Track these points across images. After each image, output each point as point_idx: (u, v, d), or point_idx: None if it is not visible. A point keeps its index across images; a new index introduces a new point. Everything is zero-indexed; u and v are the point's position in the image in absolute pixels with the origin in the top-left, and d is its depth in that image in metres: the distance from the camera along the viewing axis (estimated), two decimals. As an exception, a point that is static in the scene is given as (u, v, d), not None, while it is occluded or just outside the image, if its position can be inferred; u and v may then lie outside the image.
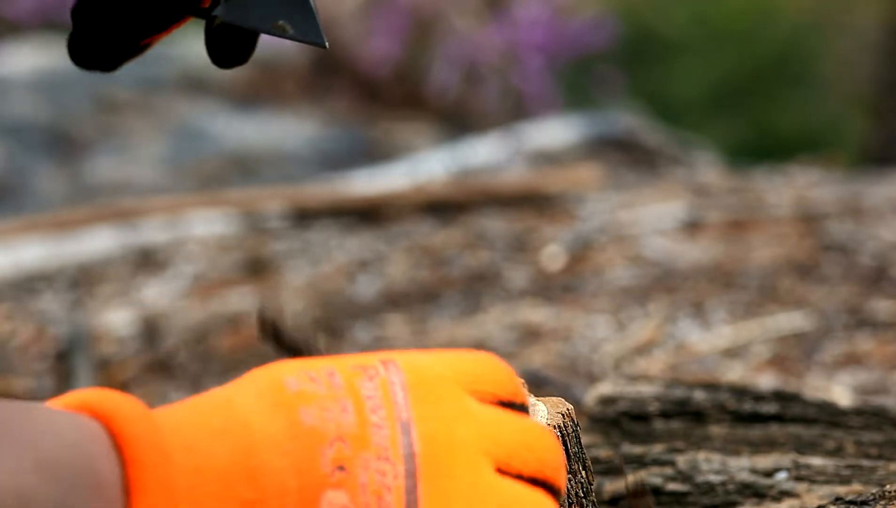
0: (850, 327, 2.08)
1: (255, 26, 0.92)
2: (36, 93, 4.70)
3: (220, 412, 0.70)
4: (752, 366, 1.95)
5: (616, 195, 3.08)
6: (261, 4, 0.92)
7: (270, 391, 0.71)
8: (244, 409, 0.70)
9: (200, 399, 0.72)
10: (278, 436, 0.69)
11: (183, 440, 0.68)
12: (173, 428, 0.69)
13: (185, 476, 0.67)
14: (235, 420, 0.70)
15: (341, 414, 0.70)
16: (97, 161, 4.29)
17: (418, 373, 0.72)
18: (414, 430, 0.70)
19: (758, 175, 3.42)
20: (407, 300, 2.45)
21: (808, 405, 1.30)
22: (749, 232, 2.66)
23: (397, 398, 0.71)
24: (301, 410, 0.70)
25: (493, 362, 0.76)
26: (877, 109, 5.55)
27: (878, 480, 1.16)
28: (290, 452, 0.69)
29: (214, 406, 0.71)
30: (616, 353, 2.04)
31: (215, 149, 4.41)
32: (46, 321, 2.51)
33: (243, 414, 0.70)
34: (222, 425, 0.69)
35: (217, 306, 2.54)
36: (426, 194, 3.13)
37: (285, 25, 0.92)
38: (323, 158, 4.41)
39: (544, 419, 0.91)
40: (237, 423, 0.70)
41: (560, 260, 2.59)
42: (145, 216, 3.00)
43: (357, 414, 0.70)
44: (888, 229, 2.59)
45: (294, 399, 0.70)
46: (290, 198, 3.13)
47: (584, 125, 4.32)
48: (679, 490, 1.19)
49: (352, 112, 4.84)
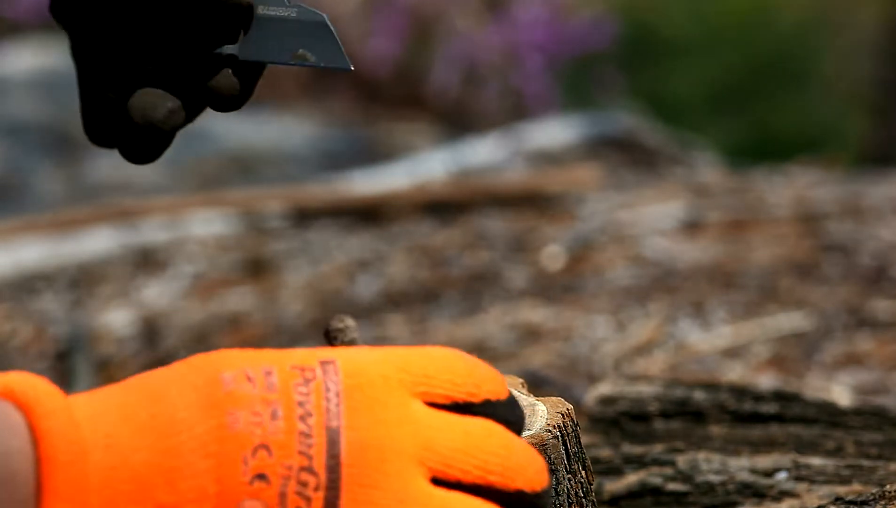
0: (850, 327, 2.08)
1: (275, 60, 0.91)
2: (36, 93, 4.70)
3: (150, 405, 0.68)
4: (752, 366, 1.95)
5: (616, 195, 3.08)
6: (277, 37, 0.90)
7: (206, 387, 0.69)
8: (175, 404, 0.68)
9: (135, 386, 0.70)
10: (205, 437, 0.67)
11: (104, 436, 0.66)
12: (96, 420, 0.67)
13: (100, 474, 0.65)
14: (163, 417, 0.68)
15: (270, 420, 0.68)
16: (97, 161, 4.29)
17: (358, 376, 0.70)
18: (343, 439, 0.68)
19: (758, 175, 3.42)
20: (407, 300, 2.45)
21: (808, 405, 1.30)
22: (749, 232, 2.66)
23: (330, 405, 0.68)
24: (231, 412, 0.68)
25: (449, 359, 0.74)
26: (877, 109, 5.56)
27: (878, 480, 1.16)
28: (214, 455, 0.67)
29: (145, 397, 0.69)
30: (616, 353, 2.04)
31: (215, 149, 4.41)
32: (46, 321, 2.51)
33: (172, 410, 0.68)
34: (149, 421, 0.67)
35: (217, 306, 2.54)
36: (426, 194, 3.13)
37: (306, 54, 0.91)
38: (323, 158, 4.41)
39: (544, 419, 0.91)
40: (164, 420, 0.68)
41: (560, 260, 2.59)
42: (145, 216, 3.00)
43: (286, 420, 0.68)
44: (888, 229, 2.59)
45: (226, 400, 0.68)
46: (290, 198, 3.13)
47: (584, 125, 4.32)
48: (679, 490, 1.19)
49: (352, 112, 4.84)
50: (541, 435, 0.89)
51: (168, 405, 0.68)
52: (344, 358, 0.71)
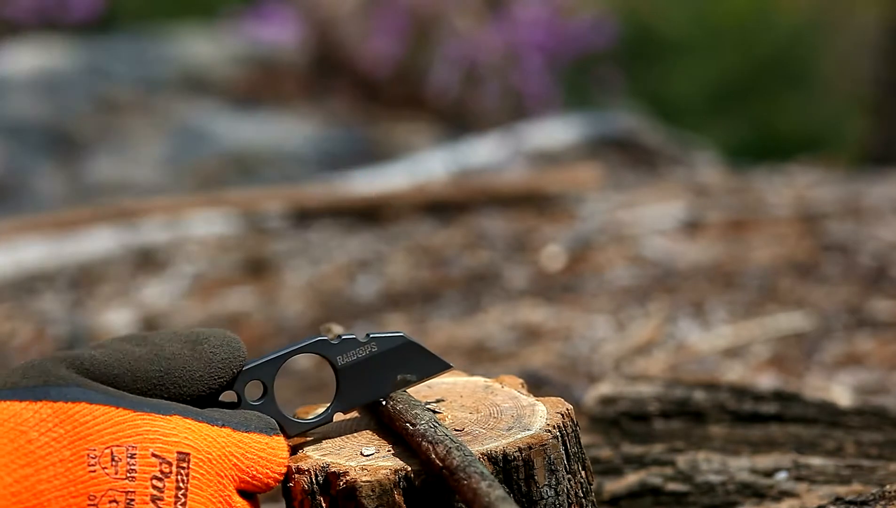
0: (850, 327, 2.08)
1: (377, 397, 0.92)
2: (36, 93, 4.70)
3: (16, 469, 0.79)
4: (752, 366, 1.95)
5: (616, 195, 3.08)
6: (370, 376, 0.92)
7: (71, 461, 0.80)
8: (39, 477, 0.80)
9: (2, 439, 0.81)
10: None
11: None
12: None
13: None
14: (27, 488, 0.79)
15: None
16: (97, 161, 4.29)
17: (206, 471, 0.84)
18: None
19: (758, 175, 3.42)
20: (407, 300, 2.45)
21: (808, 405, 1.30)
22: (749, 232, 2.66)
23: (180, 502, 0.83)
24: (90, 495, 0.80)
25: (267, 453, 0.87)
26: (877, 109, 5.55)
27: (878, 480, 1.16)
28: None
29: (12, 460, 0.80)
30: (616, 353, 2.04)
31: (215, 149, 4.41)
32: (46, 321, 2.51)
33: (36, 482, 0.79)
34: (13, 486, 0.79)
35: (217, 306, 2.54)
36: (426, 194, 3.13)
37: (405, 377, 0.93)
38: (323, 158, 4.41)
39: (544, 420, 0.91)
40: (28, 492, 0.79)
41: (560, 260, 2.59)
42: (145, 216, 3.00)
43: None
44: (888, 229, 2.59)
45: (87, 481, 0.80)
46: (290, 198, 3.13)
47: (584, 125, 4.32)
48: (679, 490, 1.19)
49: (352, 112, 4.84)
50: (540, 435, 0.89)
51: (33, 478, 0.79)
52: (200, 448, 0.84)
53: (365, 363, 0.92)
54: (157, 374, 0.86)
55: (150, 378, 0.86)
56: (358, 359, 0.92)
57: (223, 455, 0.85)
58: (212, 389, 0.89)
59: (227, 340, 0.90)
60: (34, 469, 0.78)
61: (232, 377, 0.89)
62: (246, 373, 0.89)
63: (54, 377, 0.82)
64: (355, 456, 0.89)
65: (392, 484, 0.86)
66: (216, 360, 0.89)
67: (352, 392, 0.91)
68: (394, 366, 0.93)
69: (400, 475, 0.86)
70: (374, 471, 0.87)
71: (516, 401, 0.95)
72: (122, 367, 0.85)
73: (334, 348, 0.91)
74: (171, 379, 0.87)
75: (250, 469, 0.86)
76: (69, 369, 0.83)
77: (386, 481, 0.86)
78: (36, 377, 0.82)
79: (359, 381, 0.92)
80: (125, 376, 0.85)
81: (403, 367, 0.93)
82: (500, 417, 0.93)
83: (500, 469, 0.87)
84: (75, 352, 0.85)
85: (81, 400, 0.82)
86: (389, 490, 0.86)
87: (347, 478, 0.87)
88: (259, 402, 0.89)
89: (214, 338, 0.90)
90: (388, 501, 0.86)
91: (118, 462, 0.80)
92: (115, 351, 0.86)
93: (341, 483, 0.87)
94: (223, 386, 0.89)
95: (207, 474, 0.84)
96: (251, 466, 0.86)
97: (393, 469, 0.87)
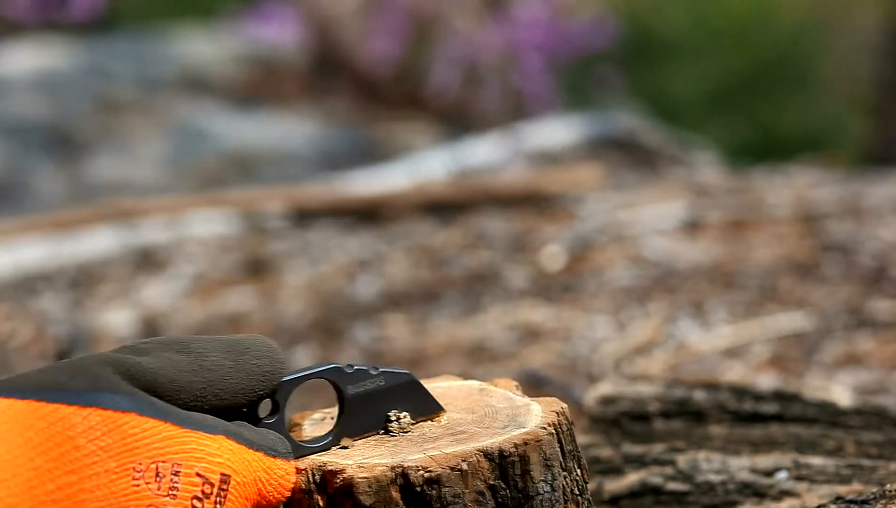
0: (850, 327, 2.08)
1: (372, 429, 0.94)
2: (36, 93, 4.70)
3: (59, 476, 0.78)
4: (752, 366, 1.95)
5: (616, 195, 3.08)
6: (371, 408, 0.93)
7: (116, 472, 0.79)
8: (83, 486, 0.78)
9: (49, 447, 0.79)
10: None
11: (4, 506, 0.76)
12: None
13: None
14: (68, 495, 0.77)
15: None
16: (97, 161, 4.29)
17: (238, 495, 0.84)
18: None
19: (758, 175, 3.42)
20: (407, 300, 2.45)
21: (808, 405, 1.30)
22: (749, 232, 2.66)
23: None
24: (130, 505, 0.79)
25: (285, 479, 0.88)
26: (877, 109, 5.55)
27: (878, 480, 1.16)
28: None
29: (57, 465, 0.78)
30: (616, 353, 2.04)
31: (215, 149, 4.41)
32: (46, 321, 2.51)
33: (79, 490, 0.78)
34: (55, 492, 0.77)
35: (217, 306, 2.54)
36: (426, 194, 3.13)
37: (398, 414, 0.94)
38: (323, 158, 4.41)
39: (539, 417, 0.92)
40: (68, 500, 0.77)
41: (560, 260, 2.59)
42: (145, 216, 3.00)
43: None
44: (888, 229, 2.59)
45: (130, 494, 0.79)
46: (290, 198, 3.13)
47: (584, 125, 4.32)
48: (679, 490, 1.19)
49: (352, 112, 4.84)
50: (536, 432, 0.89)
51: (76, 486, 0.78)
52: (238, 470, 0.84)
53: (370, 395, 0.93)
54: (200, 386, 0.85)
55: (194, 390, 0.85)
56: (367, 391, 0.93)
57: (254, 479, 0.85)
58: (251, 401, 0.88)
59: (269, 350, 0.89)
60: (78, 478, 0.77)
61: (272, 389, 0.89)
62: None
63: (105, 381, 0.80)
64: (352, 454, 0.90)
65: (389, 481, 0.87)
66: (259, 372, 0.88)
67: (353, 421, 0.93)
68: (394, 401, 0.94)
69: (397, 471, 0.87)
70: (370, 468, 0.87)
71: (511, 402, 0.96)
72: (166, 377, 0.84)
73: (348, 377, 0.93)
74: (213, 391, 0.86)
75: (269, 493, 0.87)
76: (116, 374, 0.82)
77: (383, 477, 0.87)
78: (85, 380, 0.80)
79: (360, 411, 0.93)
80: (169, 385, 0.84)
81: (402, 403, 0.94)
82: (496, 417, 0.94)
83: (497, 466, 0.88)
84: (121, 356, 0.84)
85: (131, 411, 0.80)
86: (386, 487, 0.87)
87: (344, 475, 0.87)
88: (270, 421, 0.90)
89: (256, 349, 0.88)
90: (385, 497, 0.86)
91: (162, 478, 0.79)
92: (160, 358, 0.84)
93: (338, 480, 0.87)
94: (262, 398, 0.89)
95: (239, 497, 0.84)
96: (269, 491, 0.87)
97: (390, 465, 0.87)
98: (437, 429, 0.93)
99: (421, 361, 2.11)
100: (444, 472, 0.87)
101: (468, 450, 0.88)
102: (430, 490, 0.87)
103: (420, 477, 0.87)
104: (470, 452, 0.88)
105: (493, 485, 0.88)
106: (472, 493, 0.87)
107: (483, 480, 0.88)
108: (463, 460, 0.87)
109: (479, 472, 0.88)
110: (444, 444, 0.90)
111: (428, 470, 0.87)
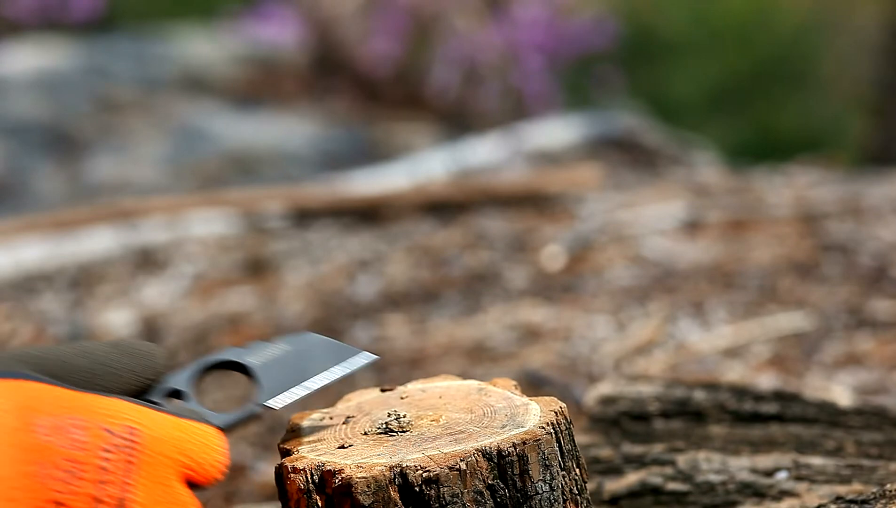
0: (850, 327, 2.08)
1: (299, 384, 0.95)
2: (36, 93, 4.70)
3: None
4: (752, 366, 1.95)
5: (616, 195, 3.08)
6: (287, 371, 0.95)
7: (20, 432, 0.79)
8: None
9: None
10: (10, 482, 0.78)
11: None
12: None
13: None
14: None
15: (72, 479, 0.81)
16: (97, 161, 4.29)
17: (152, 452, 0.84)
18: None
19: (758, 175, 3.42)
20: (407, 300, 2.45)
21: (808, 405, 1.30)
22: (749, 232, 2.66)
23: (127, 478, 0.83)
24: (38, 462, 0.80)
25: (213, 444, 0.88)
26: (877, 109, 5.56)
27: (878, 480, 1.16)
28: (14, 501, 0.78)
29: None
30: (616, 353, 2.04)
31: (215, 149, 4.41)
32: (46, 321, 2.51)
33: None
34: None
35: (217, 306, 2.54)
36: (426, 194, 3.12)
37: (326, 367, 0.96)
38: (323, 158, 4.41)
39: (537, 417, 0.92)
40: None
41: (560, 260, 2.58)
42: (145, 216, 3.00)
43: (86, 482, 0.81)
44: (888, 229, 2.59)
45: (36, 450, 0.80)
46: (290, 198, 3.13)
47: (584, 125, 4.32)
48: (679, 490, 1.19)
49: (352, 112, 4.84)
50: (534, 431, 0.89)
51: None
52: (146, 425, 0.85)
53: (279, 360, 0.95)
54: (87, 366, 0.88)
55: (82, 370, 0.88)
56: (274, 357, 0.95)
57: (168, 435, 0.86)
58: (140, 383, 0.90)
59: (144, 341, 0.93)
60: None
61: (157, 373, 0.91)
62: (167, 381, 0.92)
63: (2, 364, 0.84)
64: (351, 454, 0.90)
65: (387, 480, 0.87)
66: (140, 353, 0.91)
67: (271, 385, 0.94)
68: (310, 359, 0.96)
69: (395, 471, 0.87)
70: (369, 468, 0.87)
71: (510, 401, 0.96)
72: (55, 360, 0.87)
73: (245, 352, 0.95)
74: (101, 371, 0.89)
75: (194, 453, 0.87)
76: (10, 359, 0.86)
77: (381, 477, 0.87)
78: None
79: (277, 376, 0.94)
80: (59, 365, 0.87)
81: (321, 359, 0.96)
82: (495, 416, 0.94)
83: (496, 465, 0.88)
84: (11, 350, 0.87)
85: (28, 379, 0.83)
86: (385, 487, 0.87)
87: (343, 475, 0.87)
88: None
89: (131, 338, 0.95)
90: (383, 497, 0.86)
91: (68, 433, 0.81)
92: (46, 349, 0.88)
93: (337, 480, 0.87)
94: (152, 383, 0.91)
95: (154, 452, 0.85)
96: (194, 451, 0.87)
97: (388, 465, 0.87)
98: (435, 429, 0.93)
99: (421, 361, 2.11)
100: (442, 472, 0.87)
101: (467, 450, 0.88)
102: (428, 490, 0.87)
103: (419, 477, 0.87)
104: (468, 452, 0.88)
105: (492, 485, 0.88)
106: (470, 493, 0.87)
107: (482, 480, 0.88)
108: (461, 459, 0.87)
109: (477, 472, 0.87)
110: (443, 444, 0.89)
111: (426, 470, 0.87)
